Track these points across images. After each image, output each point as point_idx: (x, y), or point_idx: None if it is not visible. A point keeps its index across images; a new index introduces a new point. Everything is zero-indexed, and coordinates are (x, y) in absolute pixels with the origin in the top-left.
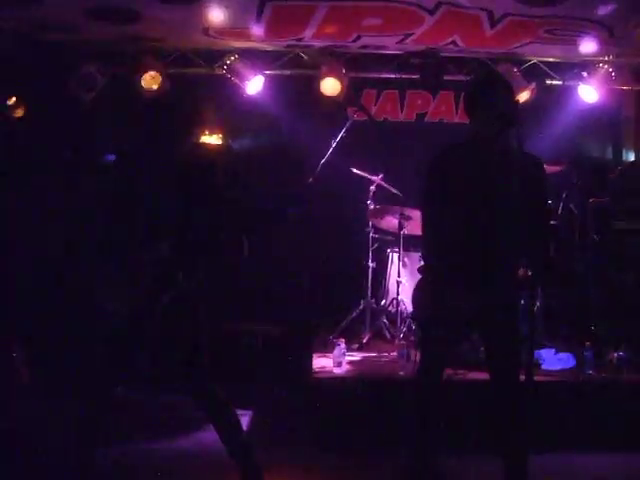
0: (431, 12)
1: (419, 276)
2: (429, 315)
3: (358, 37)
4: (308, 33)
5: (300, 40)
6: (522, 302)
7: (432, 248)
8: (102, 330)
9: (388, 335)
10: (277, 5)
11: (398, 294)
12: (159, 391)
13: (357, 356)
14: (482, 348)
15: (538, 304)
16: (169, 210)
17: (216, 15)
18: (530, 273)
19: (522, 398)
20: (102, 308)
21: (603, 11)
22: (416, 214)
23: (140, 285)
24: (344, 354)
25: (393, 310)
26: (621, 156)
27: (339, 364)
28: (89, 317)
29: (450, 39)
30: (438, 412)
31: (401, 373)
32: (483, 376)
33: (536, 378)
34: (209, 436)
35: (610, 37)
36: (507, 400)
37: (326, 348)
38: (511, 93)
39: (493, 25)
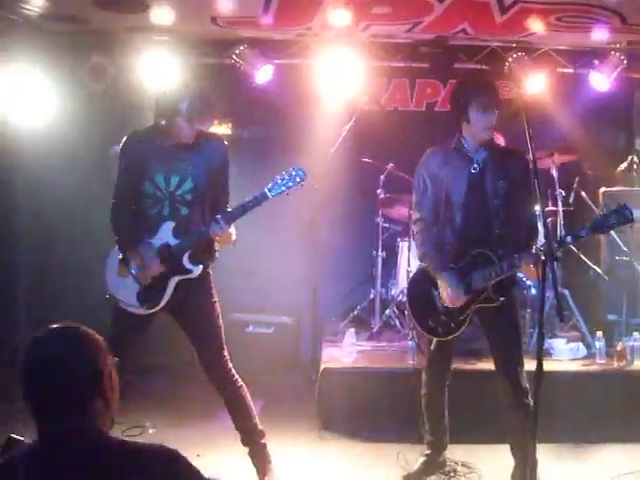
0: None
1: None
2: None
3: (367, 26)
4: (317, 22)
5: (309, 29)
6: (533, 292)
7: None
8: None
9: (398, 325)
10: None
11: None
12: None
13: (367, 346)
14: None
15: (548, 294)
16: None
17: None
18: (543, 258)
19: (527, 388)
20: None
21: None
22: None
23: None
24: (354, 344)
25: (403, 300)
26: (633, 144)
27: (349, 354)
28: None
29: (460, 27)
30: (445, 401)
31: (411, 362)
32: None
33: (547, 368)
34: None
35: (622, 24)
36: (511, 390)
37: (336, 337)
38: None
39: (503, 12)
